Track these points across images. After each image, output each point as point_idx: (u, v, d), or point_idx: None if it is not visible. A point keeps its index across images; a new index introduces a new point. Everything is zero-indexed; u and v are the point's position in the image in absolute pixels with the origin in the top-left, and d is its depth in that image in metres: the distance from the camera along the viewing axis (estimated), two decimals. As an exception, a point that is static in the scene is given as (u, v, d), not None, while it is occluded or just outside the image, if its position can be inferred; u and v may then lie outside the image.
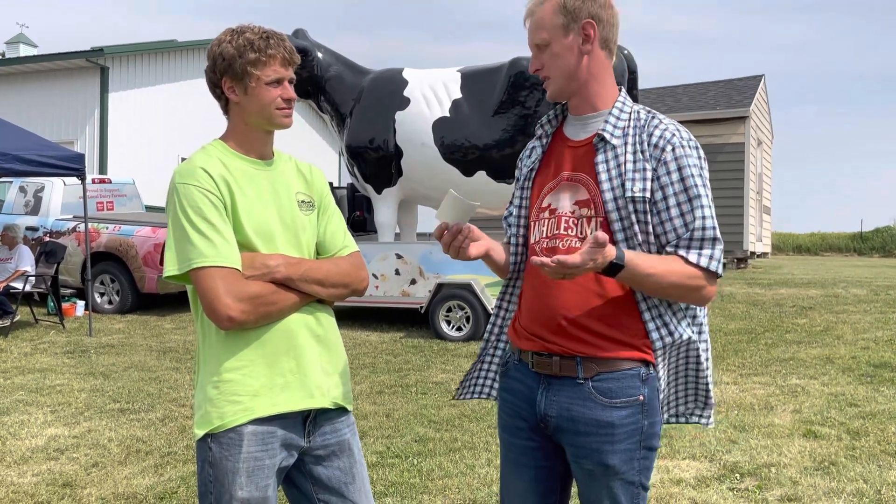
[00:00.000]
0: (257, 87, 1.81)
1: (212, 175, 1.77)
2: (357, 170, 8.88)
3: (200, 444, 1.78)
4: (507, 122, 8.29)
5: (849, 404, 5.24)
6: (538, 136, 1.92)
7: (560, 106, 1.92)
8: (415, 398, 5.59)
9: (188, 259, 1.71)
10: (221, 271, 1.70)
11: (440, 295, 8.18)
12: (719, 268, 1.70)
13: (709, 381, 1.82)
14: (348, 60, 9.18)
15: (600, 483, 1.74)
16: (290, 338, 1.80)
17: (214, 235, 1.72)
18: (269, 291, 1.75)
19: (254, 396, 1.75)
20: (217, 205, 1.75)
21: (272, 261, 1.77)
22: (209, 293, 1.69)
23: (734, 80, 17.33)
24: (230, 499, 1.74)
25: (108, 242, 10.00)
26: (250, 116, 1.84)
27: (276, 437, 1.78)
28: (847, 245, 25.70)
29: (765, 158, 17.35)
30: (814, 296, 10.62)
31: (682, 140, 1.72)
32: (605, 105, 1.80)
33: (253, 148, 1.87)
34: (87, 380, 6.24)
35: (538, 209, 1.84)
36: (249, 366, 1.76)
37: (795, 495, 3.63)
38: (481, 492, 3.71)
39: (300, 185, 1.93)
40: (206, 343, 1.80)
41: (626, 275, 1.64)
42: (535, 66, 1.81)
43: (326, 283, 1.84)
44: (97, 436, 4.68)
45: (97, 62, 15.35)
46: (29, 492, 3.75)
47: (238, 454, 1.74)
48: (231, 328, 1.73)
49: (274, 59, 1.80)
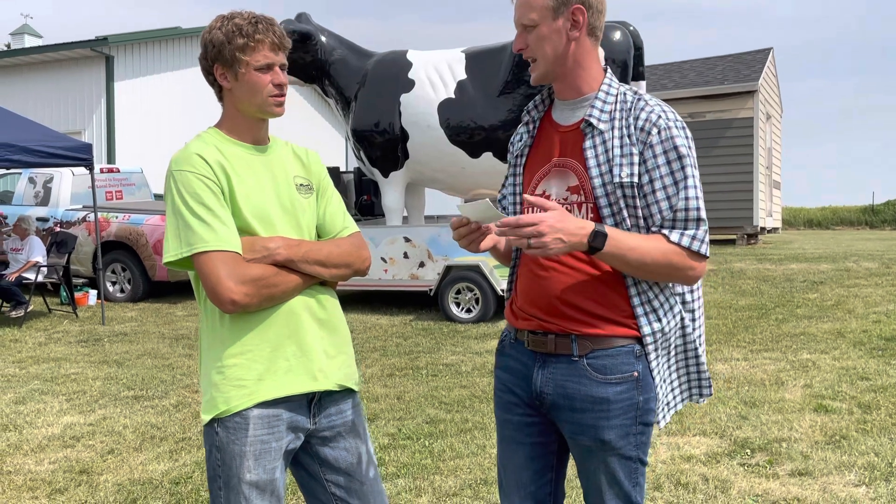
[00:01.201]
0: (247, 73, 1.80)
1: (208, 161, 1.77)
2: (363, 154, 8.87)
3: (207, 430, 1.81)
4: (513, 102, 8.24)
5: (860, 378, 5.23)
6: (525, 121, 1.92)
7: (547, 90, 1.91)
8: (425, 380, 5.62)
9: (189, 244, 1.72)
10: (222, 255, 1.71)
11: (449, 277, 8.19)
12: (702, 248, 1.69)
13: (705, 367, 1.86)
14: (352, 44, 9.13)
15: (598, 459, 1.76)
16: (292, 321, 1.81)
17: (213, 220, 1.72)
18: (271, 273, 1.76)
19: (258, 380, 1.77)
20: (214, 190, 1.75)
21: (272, 243, 1.78)
22: (211, 277, 1.70)
23: (742, 54, 17.14)
24: (238, 482, 1.76)
25: (118, 231, 10.05)
26: (242, 103, 1.84)
27: (281, 421, 1.79)
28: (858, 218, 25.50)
29: (774, 133, 17.20)
30: (825, 270, 10.56)
31: (668, 121, 1.72)
32: (592, 88, 1.80)
33: (248, 134, 1.87)
34: (102, 368, 6.30)
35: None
36: (253, 350, 1.77)
37: (806, 469, 3.63)
38: (492, 472, 3.73)
39: (298, 169, 1.93)
40: (209, 328, 1.82)
41: (610, 249, 1.64)
42: (520, 46, 1.79)
43: (328, 264, 1.84)
44: (112, 423, 4.74)
45: (102, 51, 15.35)
46: (46, 479, 3.81)
47: (245, 438, 1.76)
48: (234, 311, 1.74)
49: (263, 45, 1.79)
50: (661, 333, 1.75)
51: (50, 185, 10.78)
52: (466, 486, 3.56)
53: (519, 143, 1.92)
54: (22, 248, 9.09)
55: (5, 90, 16.15)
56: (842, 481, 3.49)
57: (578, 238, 1.62)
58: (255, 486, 1.76)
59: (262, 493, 1.77)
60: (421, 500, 3.41)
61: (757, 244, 15.43)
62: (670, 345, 1.80)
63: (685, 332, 1.81)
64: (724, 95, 15.10)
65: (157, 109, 16.40)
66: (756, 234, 15.35)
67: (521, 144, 1.90)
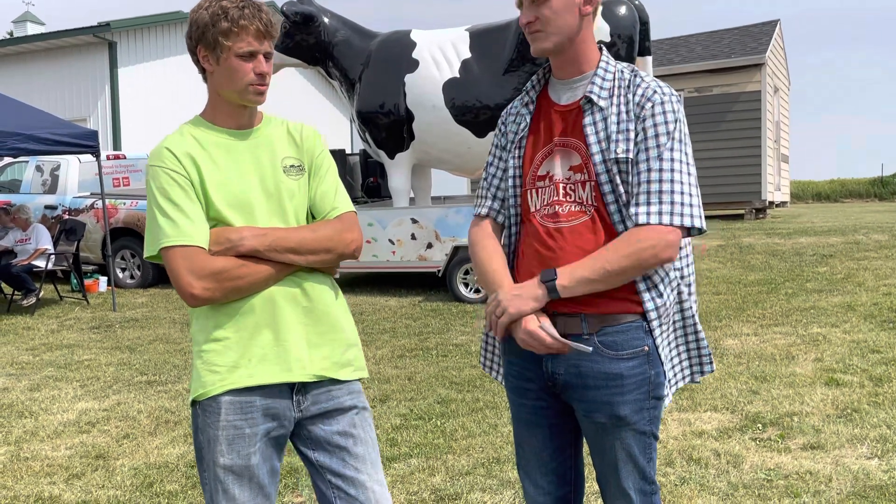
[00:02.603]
0: (228, 59, 1.75)
1: (176, 154, 1.76)
2: (369, 135, 8.84)
3: (192, 411, 1.84)
4: (519, 80, 8.18)
5: (871, 351, 5.22)
6: (525, 102, 1.90)
7: (543, 70, 1.90)
8: (436, 360, 5.64)
9: (157, 240, 1.74)
10: (183, 250, 1.72)
11: (457, 258, 8.19)
12: (663, 219, 1.66)
13: (704, 342, 1.87)
14: (355, 24, 9.07)
15: (612, 436, 1.77)
16: (271, 310, 1.79)
17: (177, 215, 1.73)
18: (235, 266, 1.74)
19: (232, 368, 1.77)
20: (182, 183, 1.75)
21: (235, 234, 1.75)
22: (173, 273, 1.73)
23: (749, 27, 16.95)
24: (213, 465, 1.78)
25: (126, 218, 10.08)
26: (222, 88, 1.80)
27: (255, 407, 1.78)
28: (867, 191, 25.32)
29: (782, 106, 17.05)
30: (834, 243, 10.51)
31: (662, 96, 1.73)
32: (590, 66, 1.80)
33: (230, 119, 1.83)
34: (114, 354, 6.35)
35: (534, 177, 1.83)
36: (230, 337, 1.77)
37: (818, 443, 3.64)
38: (505, 450, 3.75)
39: (288, 150, 1.88)
40: (193, 314, 1.85)
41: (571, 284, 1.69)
42: (529, 19, 1.76)
43: (302, 251, 1.79)
44: (126, 408, 4.78)
45: (104, 37, 15.30)
46: (63, 464, 3.85)
47: (217, 422, 1.77)
48: (196, 305, 1.75)
49: (246, 31, 1.74)
50: (664, 308, 1.76)
51: (57, 172, 10.80)
52: (479, 465, 3.58)
53: (520, 123, 1.90)
54: (28, 238, 9.12)
55: (9, 78, 16.14)
56: (854, 454, 3.50)
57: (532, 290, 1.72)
58: (229, 470, 1.77)
59: (239, 478, 1.77)
60: (434, 480, 3.44)
61: (765, 218, 15.36)
62: (670, 319, 1.81)
63: (682, 305, 1.83)
64: (731, 69, 14.95)
65: (162, 95, 16.37)
66: (764, 209, 15.27)
67: (523, 126, 1.88)
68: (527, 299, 1.71)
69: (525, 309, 1.71)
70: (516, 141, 1.88)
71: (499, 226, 1.92)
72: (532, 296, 1.71)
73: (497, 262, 1.84)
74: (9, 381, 5.56)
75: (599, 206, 1.74)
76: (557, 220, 1.76)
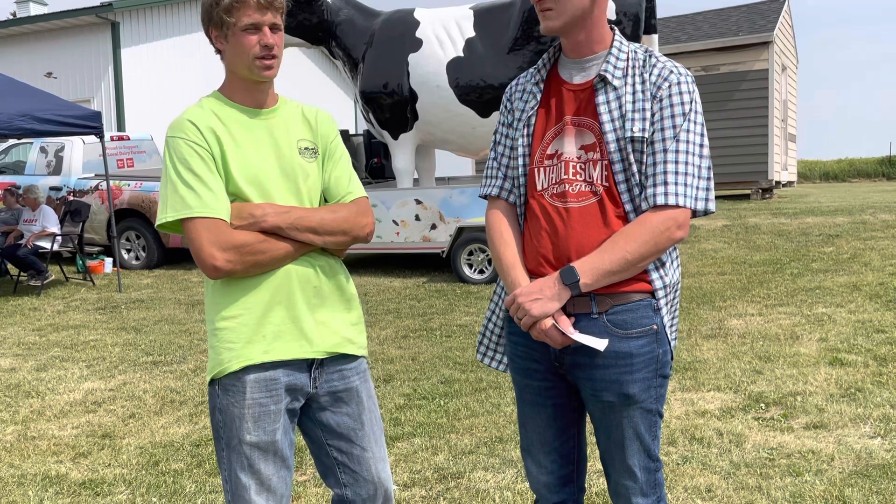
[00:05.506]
0: (235, 35, 1.78)
1: (199, 127, 1.77)
2: (372, 116, 8.81)
3: (210, 390, 1.85)
4: (523, 60, 8.12)
5: (876, 331, 5.21)
6: (535, 80, 1.87)
7: (554, 48, 1.88)
8: (439, 341, 5.66)
9: (175, 210, 1.75)
10: (206, 222, 1.73)
11: (461, 239, 8.19)
12: (669, 199, 1.67)
13: (676, 319, 1.88)
14: (359, 3, 9.00)
15: (619, 415, 1.77)
16: (284, 287, 1.81)
17: (200, 187, 1.74)
18: (257, 240, 1.76)
19: (247, 343, 1.78)
20: (204, 156, 1.76)
21: (259, 210, 1.77)
22: (195, 244, 1.74)
23: (757, 4, 16.76)
24: (239, 443, 1.79)
25: (130, 199, 10.09)
26: (234, 66, 1.82)
27: (279, 384, 1.81)
28: (875, 170, 25.14)
29: (789, 84, 16.90)
30: (841, 223, 10.46)
31: (679, 76, 1.73)
32: (603, 46, 1.79)
33: (247, 96, 1.86)
34: (120, 334, 6.38)
35: (542, 156, 1.82)
36: (243, 314, 1.79)
37: (821, 422, 3.64)
38: (507, 429, 3.77)
39: (303, 132, 1.91)
40: (208, 292, 1.86)
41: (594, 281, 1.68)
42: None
43: (321, 231, 1.82)
44: (132, 388, 4.81)
45: (107, 17, 15.22)
46: (70, 444, 3.88)
47: (243, 401, 1.78)
48: (218, 277, 1.76)
49: (246, 5, 1.76)
50: (672, 286, 1.76)
51: (61, 154, 10.80)
52: (482, 444, 3.60)
53: (528, 101, 1.87)
54: (35, 219, 9.15)
55: (12, 59, 16.10)
56: (857, 433, 3.50)
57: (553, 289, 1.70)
58: (255, 446, 1.79)
59: (265, 453, 1.80)
60: (437, 459, 3.46)
61: (772, 198, 15.28)
62: (674, 298, 1.80)
63: (677, 287, 1.82)
64: (739, 47, 14.80)
65: (165, 75, 16.31)
66: (771, 188, 15.19)
67: (532, 104, 1.86)
68: (549, 301, 1.70)
69: (549, 310, 1.70)
70: (524, 119, 1.86)
71: (511, 206, 1.89)
72: (554, 297, 1.71)
73: (510, 254, 1.82)
74: (16, 362, 5.60)
75: (611, 185, 1.73)
76: (566, 200, 1.75)
